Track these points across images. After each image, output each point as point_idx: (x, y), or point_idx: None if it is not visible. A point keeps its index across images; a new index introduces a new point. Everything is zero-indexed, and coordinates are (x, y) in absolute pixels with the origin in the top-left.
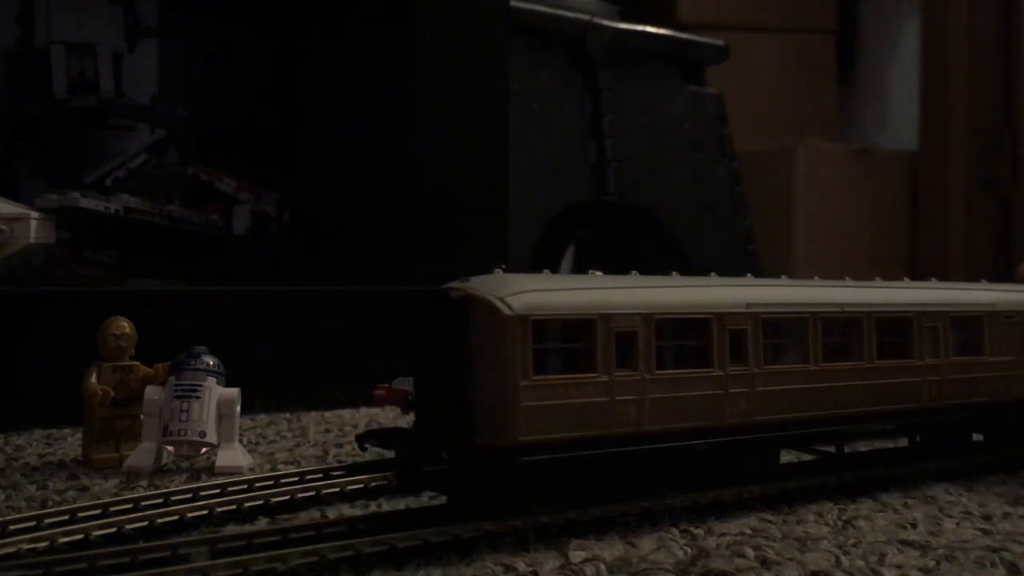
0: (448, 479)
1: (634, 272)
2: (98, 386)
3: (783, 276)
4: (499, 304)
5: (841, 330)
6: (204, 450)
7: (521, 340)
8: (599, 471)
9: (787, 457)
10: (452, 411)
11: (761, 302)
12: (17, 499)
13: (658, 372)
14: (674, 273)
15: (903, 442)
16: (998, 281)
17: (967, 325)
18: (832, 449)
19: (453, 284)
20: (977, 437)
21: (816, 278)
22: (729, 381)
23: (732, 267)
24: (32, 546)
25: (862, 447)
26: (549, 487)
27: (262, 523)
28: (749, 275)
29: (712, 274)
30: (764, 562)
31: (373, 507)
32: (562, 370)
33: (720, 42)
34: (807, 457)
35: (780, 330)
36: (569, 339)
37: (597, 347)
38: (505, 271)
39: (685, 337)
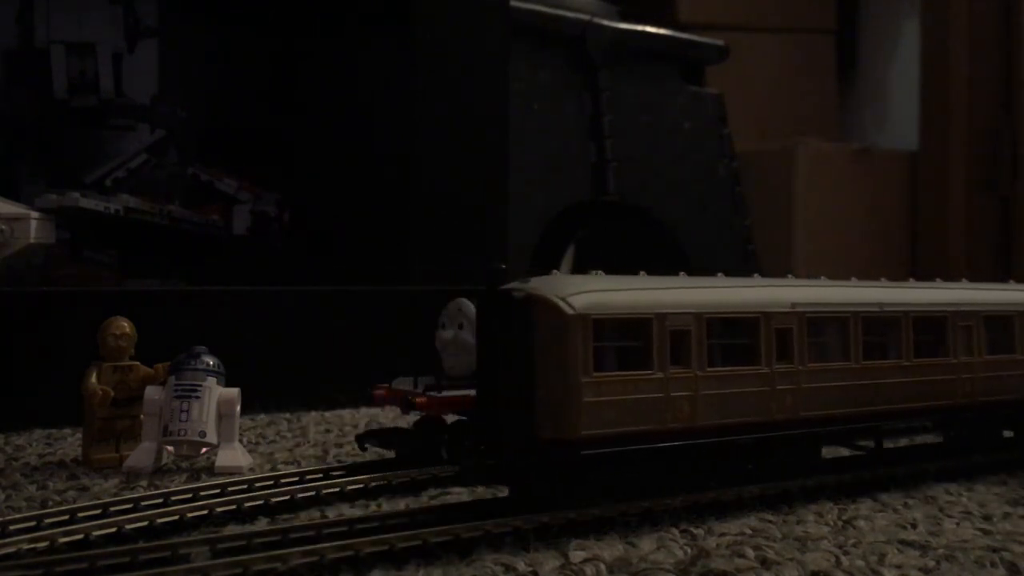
0: (511, 473)
1: (682, 273)
2: (98, 386)
3: (822, 277)
4: (562, 304)
5: (880, 329)
6: (204, 450)
7: (582, 338)
8: (655, 464)
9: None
10: (514, 406)
11: (805, 302)
12: (17, 499)
13: (710, 369)
14: (720, 274)
15: (902, 441)
16: (998, 280)
17: (999, 324)
18: (871, 444)
19: (514, 284)
20: (1006, 434)
21: (853, 279)
22: (776, 378)
23: (732, 267)
24: (32, 546)
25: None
26: (607, 480)
27: (262, 523)
28: (790, 275)
29: (755, 274)
30: (764, 562)
31: (373, 507)
32: (619, 367)
33: (720, 42)
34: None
35: (823, 329)
36: (626, 337)
37: (653, 345)
38: (502, 271)
39: (734, 336)
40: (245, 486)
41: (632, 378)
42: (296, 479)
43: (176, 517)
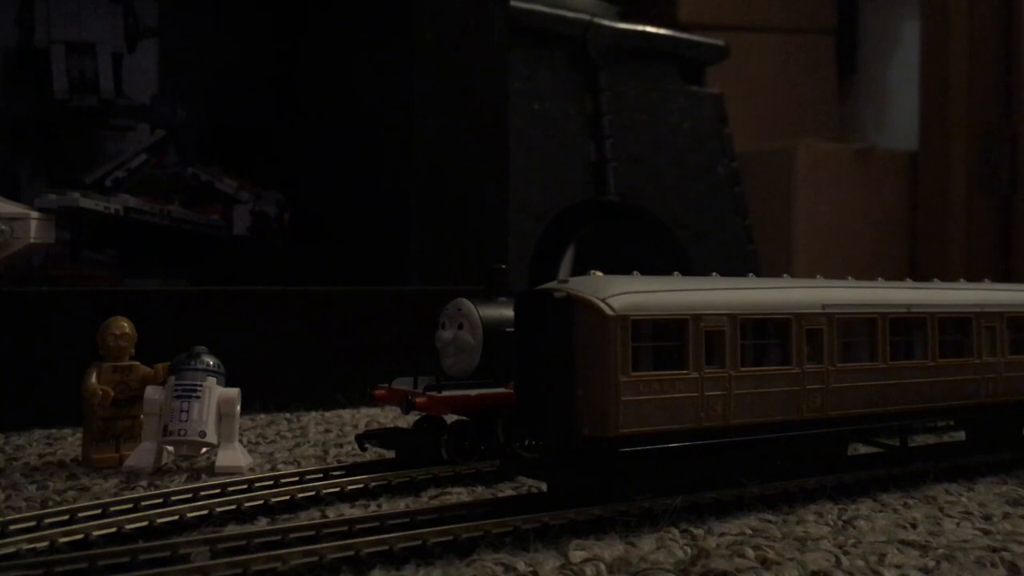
0: (550, 468)
1: (715, 274)
2: (98, 386)
3: (849, 278)
4: (601, 305)
5: (906, 329)
6: (204, 450)
7: (621, 338)
8: (689, 462)
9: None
10: (554, 404)
11: (835, 303)
12: (17, 499)
13: (743, 369)
14: (751, 274)
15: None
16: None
17: (1020, 324)
18: (896, 443)
19: (552, 285)
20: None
21: (879, 279)
22: (806, 378)
23: (732, 267)
24: (32, 546)
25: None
26: (643, 476)
27: (262, 523)
28: (819, 276)
29: (785, 275)
30: (764, 562)
31: (373, 507)
32: (656, 367)
33: (720, 42)
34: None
35: (851, 329)
36: (663, 338)
37: (689, 345)
38: (502, 271)
39: (766, 336)
40: (245, 486)
41: (668, 377)
42: (296, 479)
43: (176, 517)
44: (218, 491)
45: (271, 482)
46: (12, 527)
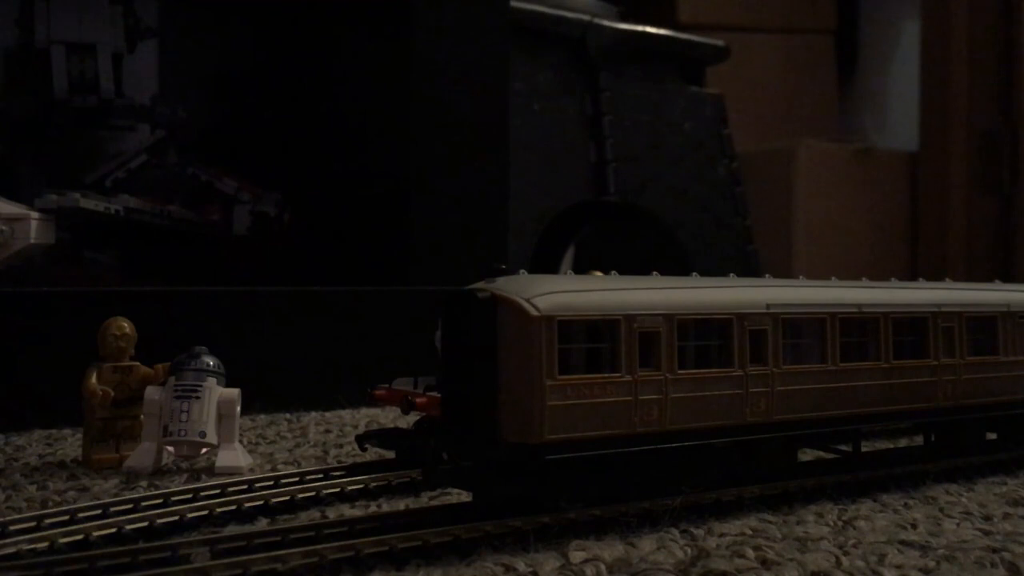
0: (474, 477)
1: (655, 273)
2: (98, 386)
3: (800, 276)
4: (526, 305)
5: (858, 330)
6: (204, 450)
7: (547, 340)
8: (623, 469)
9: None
10: (478, 410)
11: (780, 302)
12: (17, 499)
13: (680, 372)
14: (695, 274)
15: (902, 442)
16: (1001, 281)
17: (982, 325)
18: (849, 448)
19: (479, 284)
20: (989, 436)
21: (833, 278)
22: (749, 381)
23: (732, 267)
24: (32, 546)
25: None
26: (573, 485)
27: (262, 523)
28: (768, 275)
29: (731, 275)
30: (764, 562)
31: (373, 507)
32: (586, 370)
33: (720, 42)
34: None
35: (799, 330)
36: (593, 339)
37: (621, 347)
38: (503, 271)
39: (706, 337)
40: (245, 486)
41: (599, 381)
42: (296, 479)
43: (176, 517)
44: (218, 491)
45: (271, 482)
46: (12, 527)
